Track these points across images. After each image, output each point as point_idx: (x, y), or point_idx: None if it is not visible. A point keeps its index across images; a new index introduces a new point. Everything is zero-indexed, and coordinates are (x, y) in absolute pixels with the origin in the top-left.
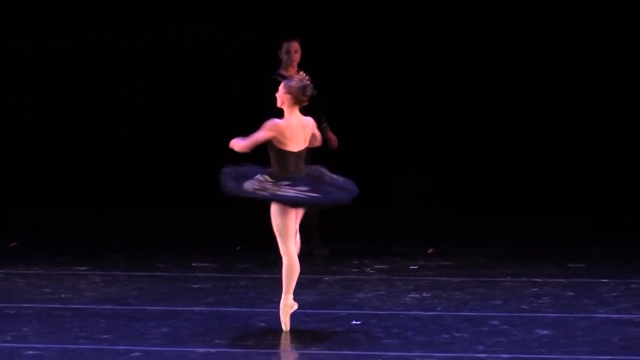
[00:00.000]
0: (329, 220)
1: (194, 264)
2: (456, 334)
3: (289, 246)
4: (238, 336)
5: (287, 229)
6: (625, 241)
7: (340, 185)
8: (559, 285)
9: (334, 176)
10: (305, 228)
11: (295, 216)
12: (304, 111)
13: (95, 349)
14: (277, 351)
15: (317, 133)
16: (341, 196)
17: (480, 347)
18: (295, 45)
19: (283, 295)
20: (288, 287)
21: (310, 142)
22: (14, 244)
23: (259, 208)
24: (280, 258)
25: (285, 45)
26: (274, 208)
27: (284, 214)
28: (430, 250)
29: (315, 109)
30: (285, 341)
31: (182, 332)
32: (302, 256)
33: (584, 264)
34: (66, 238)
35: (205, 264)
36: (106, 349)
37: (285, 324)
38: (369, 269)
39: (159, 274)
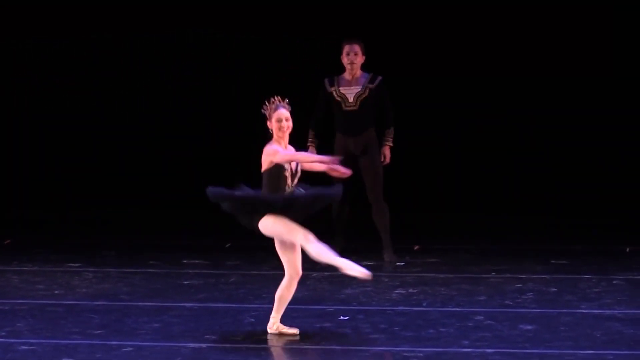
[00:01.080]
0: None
1: (184, 261)
2: (442, 329)
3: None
4: (228, 331)
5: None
6: (607, 238)
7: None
8: (542, 281)
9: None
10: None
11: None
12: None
13: (88, 344)
14: (267, 346)
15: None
16: (326, 191)
17: (466, 342)
18: (354, 48)
19: (278, 315)
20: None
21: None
22: (8, 241)
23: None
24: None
25: (344, 48)
26: (263, 223)
27: (276, 222)
28: (416, 247)
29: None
30: (275, 336)
31: (173, 328)
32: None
33: (567, 260)
34: (59, 236)
35: (196, 261)
36: (99, 344)
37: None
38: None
39: (150, 270)
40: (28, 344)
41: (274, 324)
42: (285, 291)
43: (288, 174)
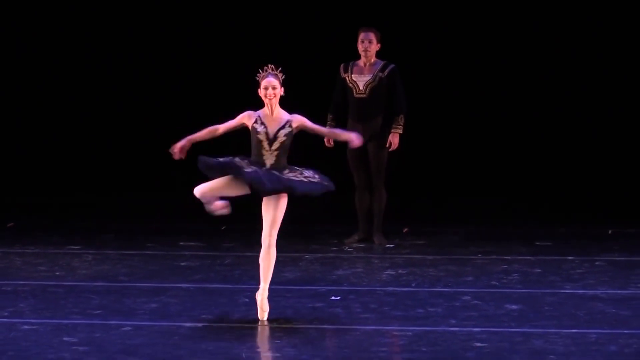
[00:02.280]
0: (311, 201)
1: (181, 243)
2: (430, 309)
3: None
4: (224, 311)
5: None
6: (589, 221)
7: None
8: (527, 262)
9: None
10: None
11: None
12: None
13: (87, 324)
14: (260, 325)
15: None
16: (310, 187)
17: (453, 321)
18: (369, 36)
19: (266, 286)
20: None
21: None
22: (11, 224)
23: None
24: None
25: (360, 35)
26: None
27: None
28: (405, 230)
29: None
30: (268, 316)
31: (170, 308)
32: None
33: (551, 242)
34: (60, 219)
35: (192, 243)
36: (98, 324)
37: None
38: (347, 247)
39: (148, 252)
40: (30, 323)
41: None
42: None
43: (262, 137)
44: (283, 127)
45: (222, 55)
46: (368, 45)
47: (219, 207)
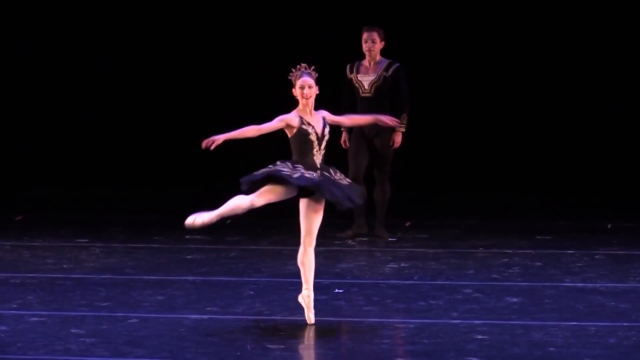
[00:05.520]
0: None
1: (187, 237)
2: (432, 302)
3: None
4: (228, 304)
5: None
6: (589, 215)
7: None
8: (527, 256)
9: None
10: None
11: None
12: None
13: (95, 316)
14: (265, 318)
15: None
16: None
17: (454, 314)
18: (372, 35)
19: (310, 287)
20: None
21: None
22: (20, 217)
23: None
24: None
25: (363, 35)
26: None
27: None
28: (407, 224)
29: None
30: (272, 308)
31: (176, 300)
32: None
33: (551, 236)
34: (68, 212)
35: (198, 237)
36: (105, 316)
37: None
38: (350, 241)
39: (154, 246)
40: (38, 315)
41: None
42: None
43: (314, 137)
44: (325, 125)
45: (221, 53)
46: (372, 45)
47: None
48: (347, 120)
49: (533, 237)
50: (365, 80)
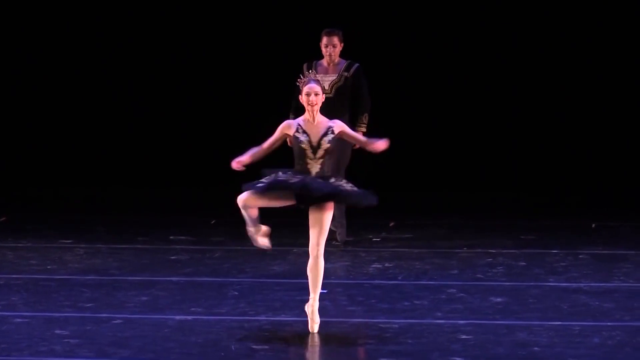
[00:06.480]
0: None
1: (171, 237)
2: (416, 302)
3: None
4: (213, 304)
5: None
6: (573, 215)
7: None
8: (511, 255)
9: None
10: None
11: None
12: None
13: (79, 317)
14: (249, 318)
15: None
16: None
17: (439, 314)
18: (333, 40)
19: (316, 297)
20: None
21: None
22: (3, 218)
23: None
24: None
25: (323, 38)
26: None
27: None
28: (391, 224)
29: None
30: (256, 309)
31: (160, 301)
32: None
33: (535, 235)
34: (52, 213)
35: (182, 237)
36: (89, 317)
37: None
38: (334, 242)
39: (139, 246)
40: (22, 316)
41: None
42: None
43: (306, 145)
44: (325, 133)
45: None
46: (332, 50)
47: (263, 242)
48: (363, 141)
49: (517, 237)
50: (325, 80)
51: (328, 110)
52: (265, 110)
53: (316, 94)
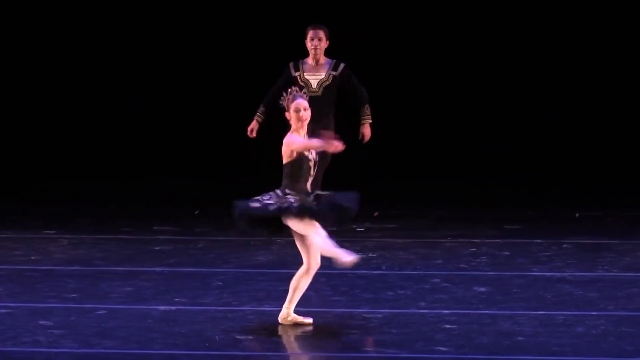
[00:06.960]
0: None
1: (155, 228)
2: (400, 292)
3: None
4: (197, 294)
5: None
6: (557, 204)
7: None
8: (495, 245)
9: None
10: None
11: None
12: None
13: (63, 307)
14: (233, 309)
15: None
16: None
17: (423, 304)
18: (318, 34)
19: (291, 305)
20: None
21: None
22: None
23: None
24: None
25: (308, 33)
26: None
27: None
28: (375, 214)
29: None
30: (240, 299)
31: (144, 291)
32: None
33: (519, 225)
34: (36, 204)
35: (166, 228)
36: (74, 307)
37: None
38: None
39: (123, 237)
40: (6, 307)
41: (288, 315)
42: (302, 281)
43: (312, 164)
44: None
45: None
46: (318, 43)
47: (348, 259)
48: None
49: (501, 227)
50: (313, 79)
51: (316, 109)
52: (245, 102)
53: (305, 109)
